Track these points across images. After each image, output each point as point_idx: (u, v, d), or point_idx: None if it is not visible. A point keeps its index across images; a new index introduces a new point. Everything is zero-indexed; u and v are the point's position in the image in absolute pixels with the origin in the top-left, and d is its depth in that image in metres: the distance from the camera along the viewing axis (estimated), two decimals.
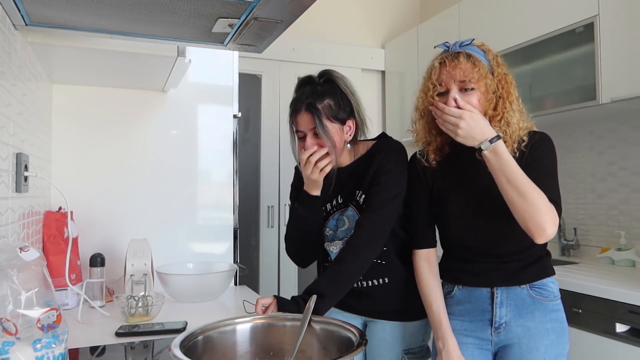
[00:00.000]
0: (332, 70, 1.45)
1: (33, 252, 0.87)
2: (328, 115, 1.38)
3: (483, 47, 1.29)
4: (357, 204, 1.44)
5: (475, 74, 1.22)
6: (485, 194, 1.27)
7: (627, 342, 1.64)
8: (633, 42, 1.91)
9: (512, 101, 1.26)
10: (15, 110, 1.21)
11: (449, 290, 1.38)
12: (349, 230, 1.44)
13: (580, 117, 2.35)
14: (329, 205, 1.50)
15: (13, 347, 0.80)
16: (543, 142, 1.28)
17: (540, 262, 1.30)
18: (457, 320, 1.34)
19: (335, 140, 1.38)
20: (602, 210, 2.40)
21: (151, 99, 1.96)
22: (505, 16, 2.51)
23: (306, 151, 1.38)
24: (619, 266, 2.16)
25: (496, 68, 1.26)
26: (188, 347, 0.95)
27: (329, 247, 1.48)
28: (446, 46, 1.30)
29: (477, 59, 1.24)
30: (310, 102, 1.37)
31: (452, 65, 1.24)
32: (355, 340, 0.98)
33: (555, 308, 1.29)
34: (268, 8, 1.10)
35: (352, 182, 1.46)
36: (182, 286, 1.62)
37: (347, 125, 1.43)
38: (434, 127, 1.32)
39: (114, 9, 1.10)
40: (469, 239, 1.33)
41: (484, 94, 1.24)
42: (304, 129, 1.39)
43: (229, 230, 2.07)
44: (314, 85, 1.42)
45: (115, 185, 1.89)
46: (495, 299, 1.29)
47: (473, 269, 1.33)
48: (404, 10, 3.76)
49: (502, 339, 1.29)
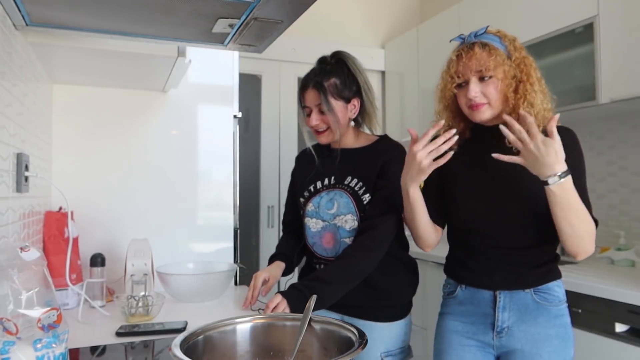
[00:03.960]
0: (343, 51, 1.54)
1: (33, 252, 0.87)
2: (333, 93, 1.46)
3: (499, 34, 1.28)
4: (353, 191, 1.46)
5: (491, 62, 1.22)
6: (502, 177, 1.26)
7: (627, 342, 1.64)
8: (633, 42, 1.91)
9: (533, 83, 1.24)
10: (16, 111, 1.21)
11: (452, 290, 1.37)
12: (334, 215, 1.48)
13: (579, 117, 2.35)
14: (319, 183, 1.54)
15: (14, 346, 0.80)
16: (574, 146, 1.26)
17: (546, 266, 1.28)
18: (459, 322, 1.33)
19: (339, 117, 1.47)
20: (601, 210, 2.40)
21: (151, 99, 1.96)
22: (505, 16, 2.51)
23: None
24: (619, 266, 2.16)
25: (514, 52, 1.25)
26: (188, 347, 0.95)
27: (309, 222, 1.53)
28: (461, 38, 1.30)
29: (492, 47, 1.24)
30: (318, 80, 1.46)
31: (468, 57, 1.24)
32: (355, 340, 0.98)
33: (559, 313, 1.26)
34: (268, 8, 1.10)
35: (347, 167, 1.50)
36: (182, 286, 1.63)
37: (352, 103, 1.50)
38: (458, 114, 1.34)
39: (114, 9, 1.10)
40: (477, 223, 1.31)
41: (503, 80, 1.23)
42: (310, 105, 1.48)
43: (229, 230, 2.07)
44: (324, 65, 1.51)
45: (116, 185, 1.89)
46: (497, 303, 1.27)
47: (476, 268, 1.31)
48: (404, 10, 3.76)
49: (504, 344, 1.27)
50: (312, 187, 1.55)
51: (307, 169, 1.60)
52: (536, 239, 1.26)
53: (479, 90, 1.24)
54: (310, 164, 1.59)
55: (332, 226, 1.49)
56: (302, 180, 1.60)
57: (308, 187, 1.56)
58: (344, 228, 1.47)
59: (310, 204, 1.54)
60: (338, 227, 1.48)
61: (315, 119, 1.48)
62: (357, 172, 1.48)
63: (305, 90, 1.49)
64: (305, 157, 1.65)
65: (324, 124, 1.48)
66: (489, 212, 1.28)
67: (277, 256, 1.61)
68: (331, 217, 1.49)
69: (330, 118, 1.45)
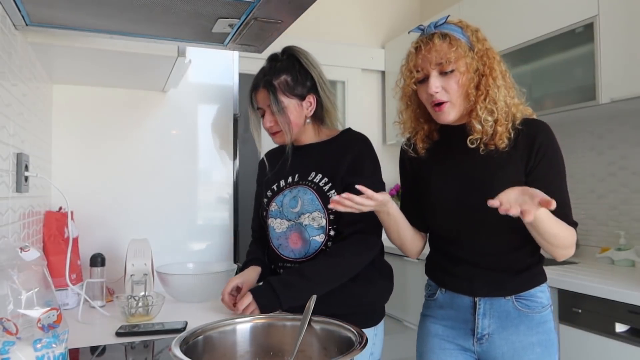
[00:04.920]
0: (295, 46, 1.48)
1: (33, 252, 0.87)
2: (284, 91, 1.41)
3: (461, 24, 1.20)
4: (317, 187, 1.40)
5: (452, 54, 1.14)
6: (473, 182, 1.20)
7: (627, 342, 1.64)
8: (633, 42, 1.91)
9: (495, 77, 1.16)
10: (16, 111, 1.21)
11: (432, 293, 1.34)
12: (299, 214, 1.41)
13: (580, 117, 2.35)
14: (282, 182, 1.49)
15: (13, 347, 0.80)
16: (549, 146, 1.17)
17: (529, 270, 1.22)
18: (439, 325, 1.30)
19: (291, 117, 1.41)
20: (602, 210, 2.40)
21: (151, 99, 1.96)
22: (505, 16, 2.51)
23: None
24: (619, 266, 2.16)
25: (476, 44, 1.17)
26: (188, 347, 0.95)
27: (273, 223, 1.48)
28: (420, 29, 1.22)
29: (453, 38, 1.15)
30: (268, 79, 1.41)
31: (427, 49, 1.16)
32: (355, 340, 0.98)
33: (542, 320, 1.21)
34: (268, 8, 1.10)
35: (310, 163, 1.45)
36: (182, 286, 1.62)
37: (307, 100, 1.44)
38: (422, 114, 1.27)
39: (114, 9, 1.10)
40: (454, 229, 1.25)
41: (465, 74, 1.15)
42: (262, 106, 1.44)
43: (229, 230, 2.07)
44: (274, 62, 1.45)
45: (116, 185, 1.89)
46: (477, 310, 1.22)
47: (457, 272, 1.26)
48: (404, 10, 3.76)
49: (485, 350, 1.23)
50: (274, 186, 1.50)
51: (270, 169, 1.56)
52: (515, 243, 1.21)
53: (439, 85, 1.16)
54: (272, 166, 1.55)
55: (297, 225, 1.42)
56: (265, 180, 1.56)
57: (270, 187, 1.51)
58: (311, 226, 1.41)
59: (273, 204, 1.48)
60: (305, 226, 1.41)
61: (269, 121, 1.42)
62: (320, 167, 1.42)
63: (256, 91, 1.44)
64: (270, 156, 1.60)
65: (277, 125, 1.43)
66: (464, 217, 1.22)
67: (252, 261, 1.53)
68: (296, 216, 1.42)
69: (280, 119, 1.40)
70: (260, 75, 1.44)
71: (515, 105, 1.19)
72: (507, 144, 1.17)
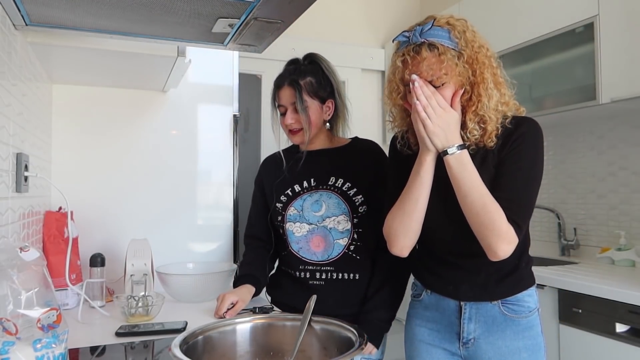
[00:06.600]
0: (316, 53, 1.54)
1: (33, 252, 0.87)
2: (309, 91, 1.46)
3: (448, 25, 1.11)
4: (341, 191, 1.45)
5: (442, 70, 1.07)
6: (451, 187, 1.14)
7: (627, 342, 1.64)
8: (633, 42, 1.91)
9: (486, 85, 1.10)
10: (15, 110, 1.21)
11: (418, 293, 1.33)
12: (323, 217, 1.45)
13: (580, 117, 2.35)
14: (297, 186, 1.50)
15: (13, 347, 0.80)
16: (524, 139, 1.12)
17: (516, 273, 1.19)
18: (425, 328, 1.28)
19: (312, 118, 1.46)
20: (602, 210, 2.40)
21: (151, 99, 1.96)
22: (505, 16, 2.51)
23: None
24: (619, 266, 2.16)
25: (465, 49, 1.09)
26: (188, 347, 0.95)
27: (292, 227, 1.48)
28: (405, 37, 1.11)
29: (442, 48, 1.07)
30: (294, 77, 1.46)
31: (415, 63, 1.08)
32: (355, 340, 0.98)
33: (529, 325, 1.18)
34: (268, 8, 1.10)
35: (328, 168, 1.49)
36: (182, 286, 1.62)
37: (327, 105, 1.50)
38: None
39: (114, 9, 1.10)
40: (437, 232, 1.22)
41: (460, 85, 1.10)
42: (285, 103, 1.48)
43: (229, 230, 2.07)
44: (298, 65, 1.51)
45: (116, 185, 1.89)
46: (463, 314, 1.20)
47: (443, 274, 1.24)
48: (404, 10, 3.76)
49: (471, 354, 1.21)
50: (289, 191, 1.50)
51: (277, 174, 1.54)
52: None
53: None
54: (278, 169, 1.54)
55: (321, 228, 1.45)
56: (273, 185, 1.54)
57: (284, 192, 1.50)
58: (336, 229, 1.44)
59: (291, 208, 1.48)
60: (330, 229, 1.44)
61: (291, 118, 1.46)
62: (342, 172, 1.46)
63: (281, 89, 1.49)
64: (272, 162, 1.59)
65: (299, 123, 1.46)
66: (446, 221, 1.18)
67: (247, 278, 1.49)
68: (319, 219, 1.45)
69: (302, 117, 1.44)
70: (285, 74, 1.49)
71: (507, 103, 1.15)
72: (495, 142, 1.14)
